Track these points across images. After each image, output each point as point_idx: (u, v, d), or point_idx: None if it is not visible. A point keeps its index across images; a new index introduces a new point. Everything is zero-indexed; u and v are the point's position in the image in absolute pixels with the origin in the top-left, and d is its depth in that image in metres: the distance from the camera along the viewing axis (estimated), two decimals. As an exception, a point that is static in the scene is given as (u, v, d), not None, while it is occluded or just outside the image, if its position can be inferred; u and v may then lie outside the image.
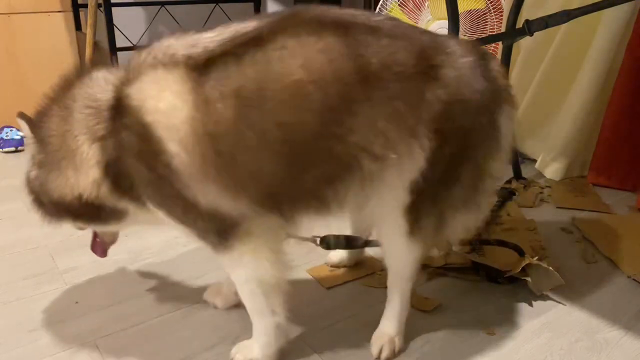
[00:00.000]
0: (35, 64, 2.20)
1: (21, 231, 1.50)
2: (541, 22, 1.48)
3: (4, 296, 1.21)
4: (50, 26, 2.22)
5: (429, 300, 1.21)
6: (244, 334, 1.10)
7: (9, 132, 2.12)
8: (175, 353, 1.05)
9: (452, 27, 1.46)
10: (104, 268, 1.33)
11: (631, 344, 1.10)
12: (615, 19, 1.70)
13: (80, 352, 1.05)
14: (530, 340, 1.11)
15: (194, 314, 1.17)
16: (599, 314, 1.19)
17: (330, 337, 1.10)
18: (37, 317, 1.15)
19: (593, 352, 1.08)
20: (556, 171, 1.94)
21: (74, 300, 1.21)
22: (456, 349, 1.08)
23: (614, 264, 1.39)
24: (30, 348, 1.06)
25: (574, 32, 1.81)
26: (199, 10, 2.84)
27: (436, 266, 1.32)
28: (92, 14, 2.11)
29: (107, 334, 1.10)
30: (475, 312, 1.19)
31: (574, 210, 1.69)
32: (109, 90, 0.88)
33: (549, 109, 1.97)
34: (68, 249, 1.41)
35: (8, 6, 2.12)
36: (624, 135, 1.82)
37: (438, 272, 1.32)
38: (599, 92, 1.81)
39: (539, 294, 1.23)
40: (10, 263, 1.35)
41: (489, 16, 2.14)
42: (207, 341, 1.08)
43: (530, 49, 1.97)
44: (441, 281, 1.30)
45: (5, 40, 2.14)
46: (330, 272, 1.32)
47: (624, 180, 1.86)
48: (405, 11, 2.18)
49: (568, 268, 1.37)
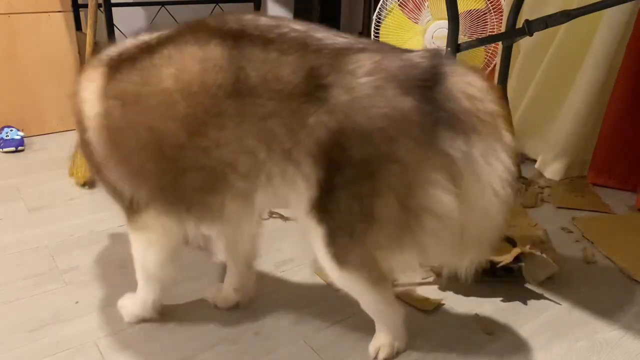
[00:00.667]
0: (35, 64, 2.20)
1: (21, 231, 1.50)
2: (541, 22, 1.48)
3: (4, 296, 1.21)
4: (50, 26, 2.22)
5: (429, 300, 1.21)
6: (244, 334, 1.10)
7: (9, 132, 2.12)
8: (175, 353, 1.05)
9: (452, 27, 1.46)
10: (104, 268, 1.33)
11: (631, 344, 1.10)
12: (615, 19, 1.70)
13: (80, 352, 1.05)
14: (530, 340, 1.11)
15: (194, 314, 1.17)
16: (599, 314, 1.19)
17: (330, 337, 1.10)
18: (37, 317, 1.15)
19: (593, 352, 1.08)
20: (556, 171, 1.95)
21: (74, 300, 1.21)
22: (456, 349, 1.08)
23: (614, 264, 1.39)
24: (30, 348, 1.06)
25: (574, 32, 1.81)
26: (199, 10, 2.84)
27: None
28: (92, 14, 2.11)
29: (107, 334, 1.10)
30: (475, 312, 1.19)
31: (574, 210, 1.69)
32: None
33: (549, 109, 1.97)
34: (68, 249, 1.41)
35: (8, 6, 2.11)
36: (624, 135, 1.82)
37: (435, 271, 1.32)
38: (599, 92, 1.81)
39: (536, 284, 1.22)
40: (10, 263, 1.35)
41: (489, 16, 2.14)
42: (207, 341, 1.08)
43: (530, 49, 1.97)
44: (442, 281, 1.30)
45: (5, 40, 2.13)
46: None
47: (624, 180, 1.86)
48: (405, 11, 2.18)
49: (568, 268, 1.37)
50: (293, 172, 0.82)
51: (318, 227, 0.84)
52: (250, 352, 1.06)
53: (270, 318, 1.15)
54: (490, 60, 2.19)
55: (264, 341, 1.09)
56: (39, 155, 2.05)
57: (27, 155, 2.06)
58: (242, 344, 1.08)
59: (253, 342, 1.08)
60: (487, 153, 0.79)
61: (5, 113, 2.20)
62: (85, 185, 1.74)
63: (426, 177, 0.78)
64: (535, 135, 2.05)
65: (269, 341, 1.09)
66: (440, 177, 0.78)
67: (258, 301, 1.21)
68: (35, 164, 1.96)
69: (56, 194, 1.71)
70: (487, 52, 2.18)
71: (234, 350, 1.06)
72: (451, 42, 1.47)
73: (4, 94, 2.18)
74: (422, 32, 2.14)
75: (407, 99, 0.76)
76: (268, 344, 1.08)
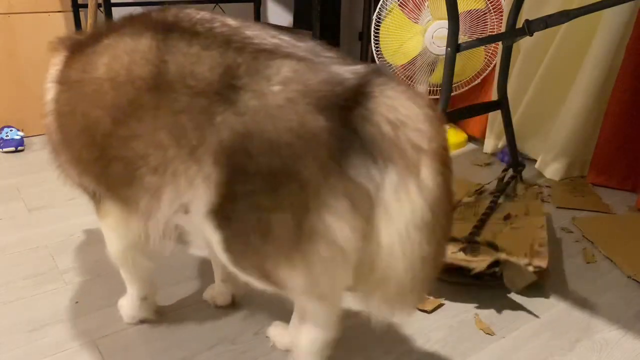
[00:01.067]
0: (35, 64, 2.20)
1: (21, 231, 1.50)
2: (541, 22, 1.48)
3: (4, 296, 1.21)
4: (50, 26, 2.22)
5: (429, 301, 1.21)
6: (244, 334, 1.10)
7: (9, 132, 2.12)
8: (175, 353, 1.05)
9: (452, 27, 1.46)
10: (104, 268, 1.33)
11: (631, 344, 1.10)
12: (615, 19, 1.70)
13: (80, 352, 1.05)
14: (530, 340, 1.11)
15: (194, 314, 1.17)
16: (599, 314, 1.19)
17: (330, 337, 1.10)
18: (37, 317, 1.15)
19: (593, 352, 1.08)
20: (556, 171, 1.95)
21: (74, 300, 1.21)
22: (456, 349, 1.08)
23: (614, 264, 1.39)
24: (30, 348, 1.06)
25: (574, 32, 1.81)
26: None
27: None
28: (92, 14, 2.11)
29: (107, 334, 1.10)
30: (475, 312, 1.19)
31: (574, 210, 1.69)
32: None
33: (549, 108, 1.97)
34: (68, 249, 1.41)
35: (8, 6, 2.11)
36: (624, 135, 1.82)
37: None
38: (599, 92, 1.81)
39: (515, 291, 1.22)
40: (10, 263, 1.35)
41: (489, 16, 2.14)
42: (207, 341, 1.09)
43: (530, 49, 1.97)
44: (442, 282, 1.30)
45: (5, 40, 2.13)
46: None
47: (624, 180, 1.86)
48: (405, 11, 2.18)
49: (568, 268, 1.37)
50: (195, 171, 0.79)
51: (215, 233, 0.82)
52: (250, 352, 1.06)
53: (270, 318, 1.16)
54: (490, 60, 2.19)
55: (263, 341, 1.09)
56: (39, 155, 2.05)
57: (27, 155, 2.06)
58: (242, 344, 1.08)
59: (253, 342, 1.08)
60: (399, 189, 0.71)
61: (5, 113, 2.20)
62: None
63: (324, 202, 0.72)
64: (535, 135, 2.05)
65: (268, 341, 1.09)
66: (340, 205, 0.72)
67: (258, 301, 1.21)
68: (35, 164, 1.96)
69: (56, 194, 1.71)
70: (487, 52, 2.18)
71: (234, 350, 1.06)
72: (451, 42, 1.47)
73: (4, 94, 2.18)
74: (422, 32, 2.14)
75: (319, 118, 0.70)
76: (268, 344, 1.08)
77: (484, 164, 2.09)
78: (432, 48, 2.15)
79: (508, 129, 1.81)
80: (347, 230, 0.73)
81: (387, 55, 2.23)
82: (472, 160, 2.14)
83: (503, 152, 2.12)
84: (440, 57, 2.17)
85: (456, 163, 2.11)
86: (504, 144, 2.08)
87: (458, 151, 2.26)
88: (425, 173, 0.71)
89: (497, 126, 2.13)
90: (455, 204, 1.70)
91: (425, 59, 2.20)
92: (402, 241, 0.73)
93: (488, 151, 2.21)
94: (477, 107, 1.90)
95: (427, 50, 2.16)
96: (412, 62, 2.22)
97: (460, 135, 2.33)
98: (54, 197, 1.70)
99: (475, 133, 2.32)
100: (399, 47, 2.20)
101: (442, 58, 2.16)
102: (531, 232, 1.39)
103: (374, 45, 2.23)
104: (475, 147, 2.31)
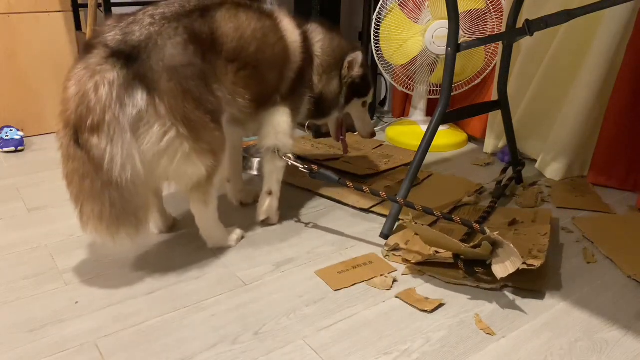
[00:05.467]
0: (35, 64, 2.20)
1: (21, 231, 1.50)
2: (541, 22, 1.48)
3: (4, 296, 1.21)
4: (50, 26, 2.22)
5: (429, 300, 1.21)
6: (244, 334, 1.10)
7: (9, 132, 2.12)
8: (175, 353, 1.05)
9: (453, 27, 1.46)
10: (104, 268, 1.33)
11: (631, 344, 1.10)
12: (615, 19, 1.70)
13: (80, 352, 1.05)
14: (530, 340, 1.11)
15: (194, 314, 1.17)
16: (599, 314, 1.19)
17: (330, 337, 1.10)
18: (37, 317, 1.15)
19: (593, 352, 1.08)
20: (556, 171, 1.95)
21: (74, 300, 1.21)
22: (456, 349, 1.08)
23: (614, 264, 1.39)
24: (30, 348, 1.06)
25: (575, 32, 1.81)
26: (199, 10, 2.83)
27: (423, 260, 1.33)
28: (92, 14, 2.11)
29: (107, 334, 1.10)
30: (475, 312, 1.19)
31: (574, 210, 1.69)
32: None
33: (549, 108, 1.97)
34: (68, 249, 1.41)
35: (8, 6, 2.11)
36: (624, 135, 1.82)
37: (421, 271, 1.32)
38: (599, 92, 1.81)
39: (500, 278, 1.18)
40: (10, 263, 1.35)
41: (489, 16, 2.14)
42: (207, 341, 1.09)
43: (530, 49, 1.97)
44: (441, 281, 1.30)
45: (5, 40, 2.14)
46: (338, 275, 1.32)
47: (624, 180, 1.86)
48: (405, 11, 2.18)
49: (568, 268, 1.37)
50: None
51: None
52: (250, 352, 1.06)
53: (269, 318, 1.16)
54: (491, 60, 2.19)
55: (263, 341, 1.09)
56: (39, 155, 2.05)
57: (27, 155, 2.06)
58: (242, 344, 1.08)
59: (253, 342, 1.08)
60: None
61: (5, 113, 2.21)
62: None
63: None
64: (536, 135, 2.05)
65: (268, 341, 1.09)
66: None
67: (258, 301, 1.21)
68: (35, 164, 1.96)
69: (56, 194, 1.71)
70: (487, 52, 2.18)
71: (234, 350, 1.06)
72: (451, 42, 1.47)
73: (4, 94, 2.18)
74: (422, 32, 2.14)
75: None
76: (268, 344, 1.08)
77: (484, 164, 2.09)
78: (432, 48, 2.15)
79: (508, 129, 1.81)
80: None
81: (387, 55, 2.24)
82: (472, 160, 2.14)
83: (503, 152, 2.12)
84: (440, 57, 2.17)
85: (456, 163, 2.12)
86: (504, 143, 2.08)
87: (458, 151, 2.26)
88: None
89: (497, 126, 2.13)
90: (455, 204, 1.70)
91: (426, 59, 2.20)
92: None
93: (488, 151, 2.21)
94: (477, 107, 1.90)
95: (427, 50, 2.16)
96: (412, 62, 2.22)
97: (460, 135, 2.33)
98: (53, 197, 1.70)
99: (475, 133, 2.32)
100: (399, 46, 2.20)
101: (442, 58, 2.16)
102: (533, 239, 1.39)
103: (374, 45, 2.23)
104: (475, 147, 2.31)
